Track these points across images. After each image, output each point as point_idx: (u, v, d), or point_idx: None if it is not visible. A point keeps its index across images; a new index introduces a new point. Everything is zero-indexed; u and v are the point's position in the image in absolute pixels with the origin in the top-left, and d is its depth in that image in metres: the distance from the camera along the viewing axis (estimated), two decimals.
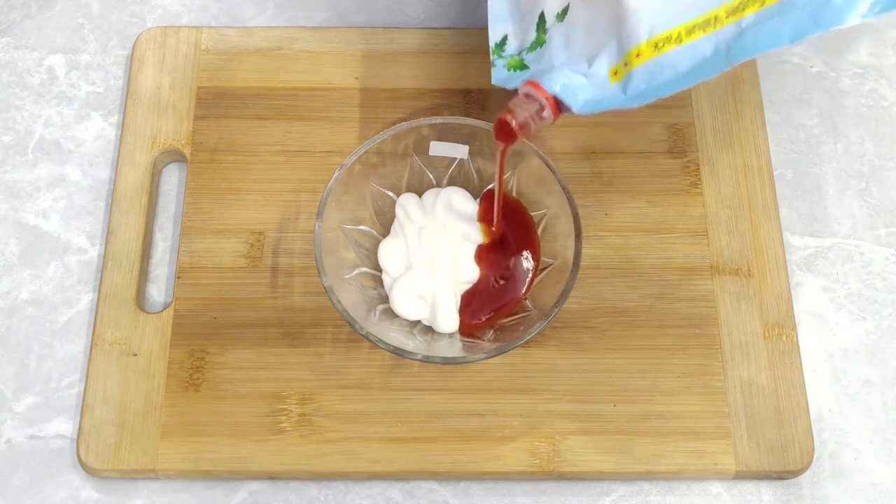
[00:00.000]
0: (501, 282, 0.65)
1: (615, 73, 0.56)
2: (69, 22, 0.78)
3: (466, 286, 0.64)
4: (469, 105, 0.73)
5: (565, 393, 0.64)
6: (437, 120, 0.66)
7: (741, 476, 0.63)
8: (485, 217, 0.66)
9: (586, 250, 0.65)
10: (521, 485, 0.64)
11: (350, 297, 0.62)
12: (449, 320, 0.63)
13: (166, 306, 0.67)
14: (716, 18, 0.52)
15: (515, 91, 0.58)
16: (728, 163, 0.71)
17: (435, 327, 0.63)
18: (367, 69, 0.74)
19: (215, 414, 0.63)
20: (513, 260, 0.65)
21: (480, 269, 0.65)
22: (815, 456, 0.64)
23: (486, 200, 0.66)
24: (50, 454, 0.64)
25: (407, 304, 0.63)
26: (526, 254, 0.65)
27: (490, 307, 0.64)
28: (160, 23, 0.77)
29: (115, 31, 0.77)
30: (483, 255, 0.65)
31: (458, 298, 0.64)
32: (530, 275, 0.65)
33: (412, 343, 0.62)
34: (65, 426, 0.65)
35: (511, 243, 0.65)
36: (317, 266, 0.61)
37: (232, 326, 0.66)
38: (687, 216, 0.70)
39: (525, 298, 0.64)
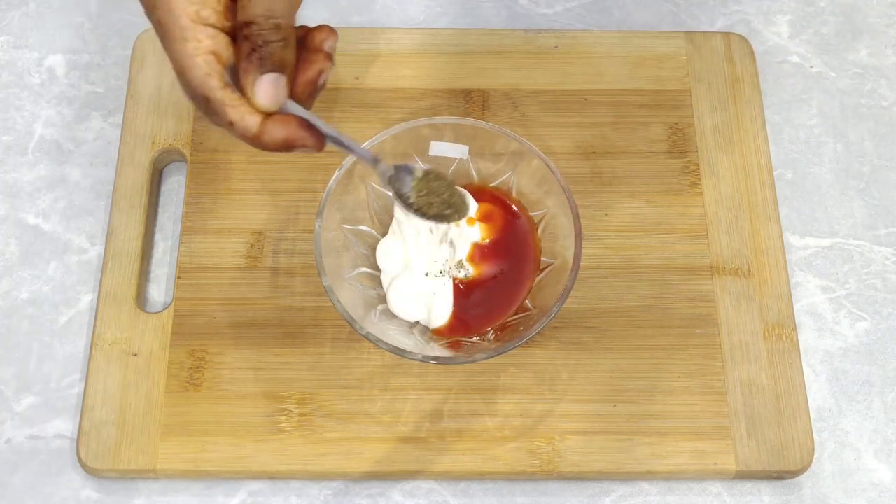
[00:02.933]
0: (500, 282, 0.65)
1: None
2: (69, 21, 0.78)
3: (464, 286, 0.64)
4: (469, 105, 0.73)
5: (565, 393, 0.64)
6: (437, 120, 0.66)
7: (741, 476, 0.63)
8: (484, 217, 0.66)
9: (586, 250, 0.65)
10: (521, 485, 0.64)
11: (350, 297, 0.62)
12: (443, 320, 0.63)
13: (166, 306, 0.67)
14: None
15: None
16: (728, 163, 0.71)
17: (429, 326, 0.63)
18: (367, 69, 0.74)
19: (215, 414, 0.63)
20: (511, 260, 0.65)
21: (479, 269, 0.65)
22: (815, 456, 0.64)
23: (485, 200, 0.66)
24: (50, 454, 0.64)
25: (403, 303, 0.63)
26: (524, 254, 0.65)
27: (488, 307, 0.64)
28: None
29: (115, 30, 0.77)
30: (481, 254, 0.65)
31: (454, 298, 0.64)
32: (529, 275, 0.65)
33: (412, 343, 0.62)
34: (65, 426, 0.64)
35: (510, 243, 0.65)
36: (317, 266, 0.61)
37: (232, 326, 0.66)
38: (687, 216, 0.70)
39: (524, 299, 0.64)
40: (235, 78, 0.51)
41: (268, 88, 0.50)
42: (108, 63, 0.76)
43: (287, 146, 0.51)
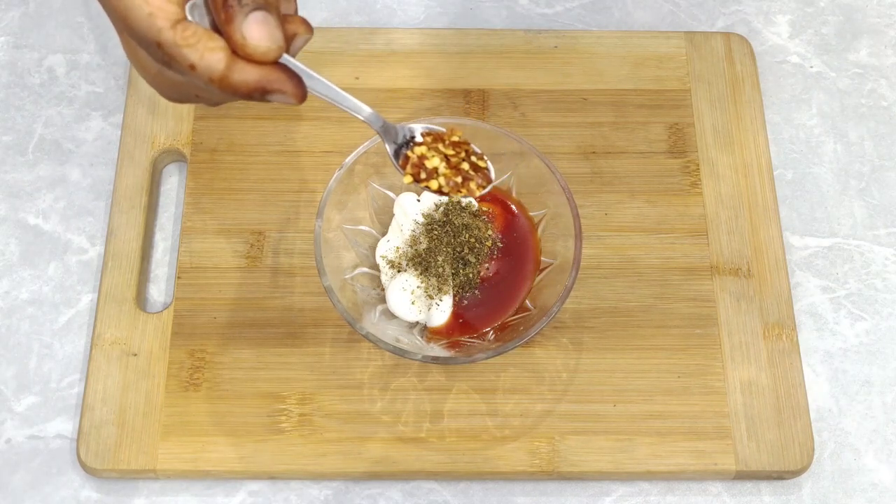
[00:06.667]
0: (500, 281, 0.64)
1: None
2: (69, 21, 0.78)
3: (464, 286, 0.64)
4: (469, 105, 0.73)
5: (565, 393, 0.64)
6: (438, 120, 0.66)
7: (741, 476, 0.63)
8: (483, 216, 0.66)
9: (586, 250, 0.65)
10: (521, 485, 0.64)
11: (350, 297, 0.62)
12: (442, 320, 0.63)
13: (166, 306, 0.67)
14: None
15: None
16: (728, 163, 0.71)
17: (429, 325, 0.63)
18: (367, 69, 0.74)
19: (215, 414, 0.63)
20: (511, 260, 0.65)
21: (479, 269, 0.64)
22: (815, 456, 0.64)
23: (485, 200, 0.66)
24: (50, 454, 0.64)
25: (403, 303, 0.63)
26: (524, 254, 0.65)
27: (488, 307, 0.64)
28: None
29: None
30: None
31: (455, 299, 0.64)
32: (529, 275, 0.65)
33: (412, 343, 0.62)
34: (65, 426, 0.64)
35: (510, 243, 0.65)
36: (317, 266, 0.61)
37: (232, 326, 0.66)
38: (687, 216, 0.70)
39: (524, 299, 0.64)
40: (219, 31, 0.45)
41: (259, 27, 0.44)
42: (108, 63, 0.76)
43: (261, 90, 0.45)
